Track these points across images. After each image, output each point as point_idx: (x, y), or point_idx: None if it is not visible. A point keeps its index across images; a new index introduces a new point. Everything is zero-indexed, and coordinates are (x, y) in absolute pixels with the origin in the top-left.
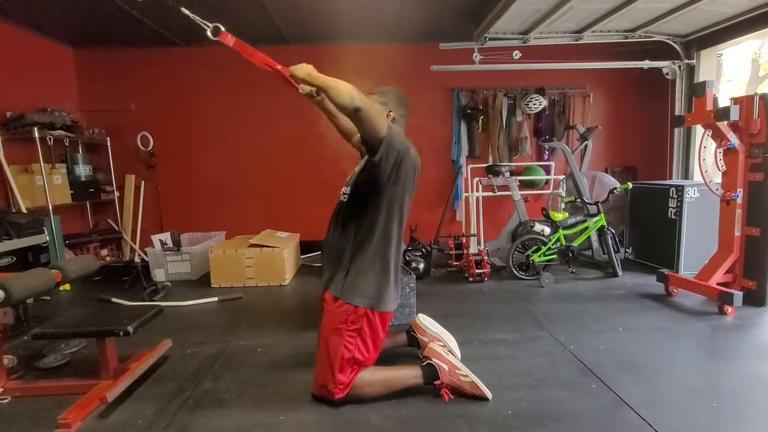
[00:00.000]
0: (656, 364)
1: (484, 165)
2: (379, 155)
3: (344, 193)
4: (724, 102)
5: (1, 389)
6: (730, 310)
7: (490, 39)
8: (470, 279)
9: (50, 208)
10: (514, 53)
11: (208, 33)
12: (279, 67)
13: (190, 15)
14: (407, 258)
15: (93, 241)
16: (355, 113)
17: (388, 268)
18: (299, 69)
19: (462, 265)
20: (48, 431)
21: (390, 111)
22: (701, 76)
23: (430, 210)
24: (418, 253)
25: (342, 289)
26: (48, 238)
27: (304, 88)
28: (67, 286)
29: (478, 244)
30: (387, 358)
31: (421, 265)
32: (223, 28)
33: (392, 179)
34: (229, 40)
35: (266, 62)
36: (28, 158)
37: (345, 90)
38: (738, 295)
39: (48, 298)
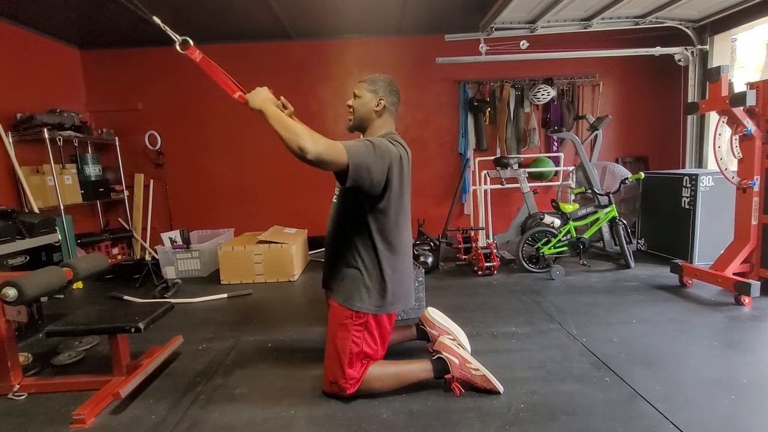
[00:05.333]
0: (671, 356)
1: (492, 157)
2: (351, 180)
3: (336, 194)
4: (739, 87)
5: (18, 386)
6: (747, 300)
7: (497, 29)
8: (479, 272)
9: (62, 207)
10: (521, 43)
11: (177, 46)
12: (236, 95)
13: (161, 25)
14: (416, 252)
15: (104, 240)
16: (306, 162)
17: (391, 271)
18: (253, 99)
19: (471, 259)
20: (63, 427)
21: (381, 99)
22: (715, 62)
23: (437, 204)
24: (427, 248)
25: (342, 296)
26: (60, 237)
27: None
28: (80, 284)
29: (487, 237)
30: (397, 352)
31: (430, 259)
32: (191, 42)
33: (381, 188)
34: (197, 55)
35: (227, 84)
36: (38, 159)
37: (294, 141)
38: (755, 285)
39: (62, 296)
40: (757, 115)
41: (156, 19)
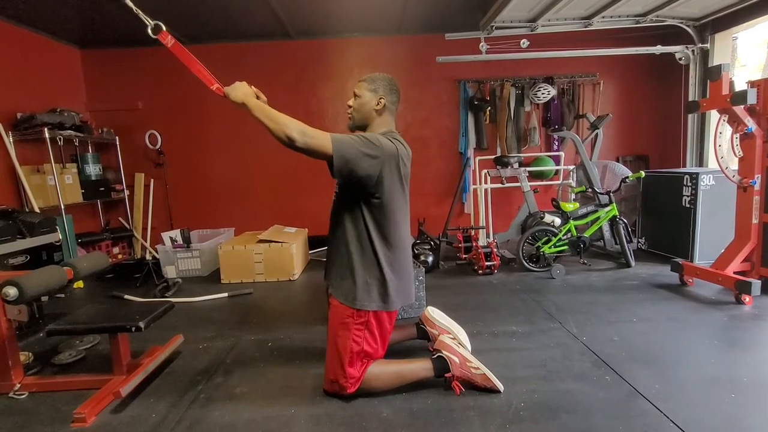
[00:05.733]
0: (672, 354)
1: (493, 156)
2: (337, 172)
3: (335, 191)
4: (740, 86)
5: (19, 385)
6: (747, 299)
7: (497, 28)
8: (480, 271)
9: (62, 207)
10: (521, 42)
11: (149, 30)
12: (214, 87)
13: (134, 8)
14: (416, 251)
15: (105, 239)
16: (296, 150)
17: (390, 268)
18: (234, 92)
19: (471, 258)
20: (64, 425)
21: (381, 98)
22: (716, 61)
23: (438, 203)
24: (427, 247)
25: (342, 294)
26: (61, 236)
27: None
28: (81, 284)
29: (487, 236)
30: (397, 351)
31: (430, 259)
32: (164, 27)
33: (373, 182)
34: (169, 40)
35: (203, 75)
36: (39, 158)
37: (282, 132)
38: (756, 283)
39: (62, 295)
40: (757, 113)
41: (128, 2)
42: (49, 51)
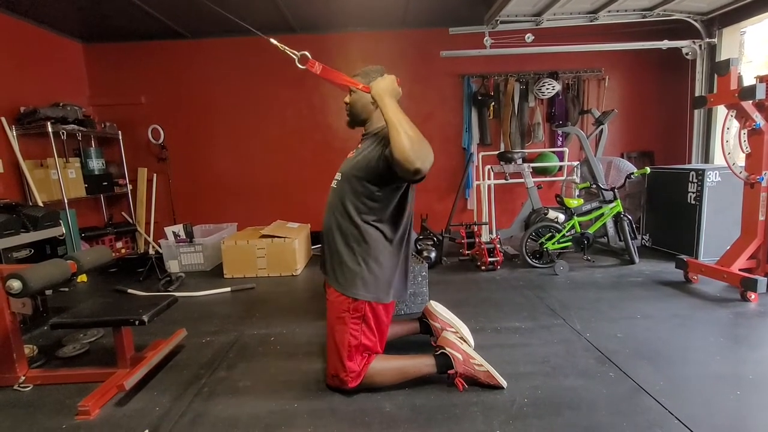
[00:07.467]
0: (676, 351)
1: (496, 152)
2: (413, 180)
3: (336, 180)
4: (747, 82)
5: (23, 378)
6: (753, 296)
7: (502, 22)
8: (482, 268)
9: (65, 201)
10: (526, 36)
11: (296, 62)
12: (360, 86)
13: (279, 46)
14: (419, 247)
15: (108, 233)
16: (409, 175)
17: (391, 260)
18: (378, 86)
19: (474, 254)
20: (68, 418)
21: None
22: (723, 56)
23: (441, 199)
24: (430, 242)
25: (339, 282)
26: (64, 230)
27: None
28: (84, 278)
29: (491, 232)
30: (400, 346)
31: (433, 254)
32: (310, 56)
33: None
34: (317, 68)
35: (350, 82)
36: (42, 153)
37: (408, 147)
38: (762, 281)
39: (66, 289)
40: (766, 108)
41: (273, 41)
42: (52, 45)
